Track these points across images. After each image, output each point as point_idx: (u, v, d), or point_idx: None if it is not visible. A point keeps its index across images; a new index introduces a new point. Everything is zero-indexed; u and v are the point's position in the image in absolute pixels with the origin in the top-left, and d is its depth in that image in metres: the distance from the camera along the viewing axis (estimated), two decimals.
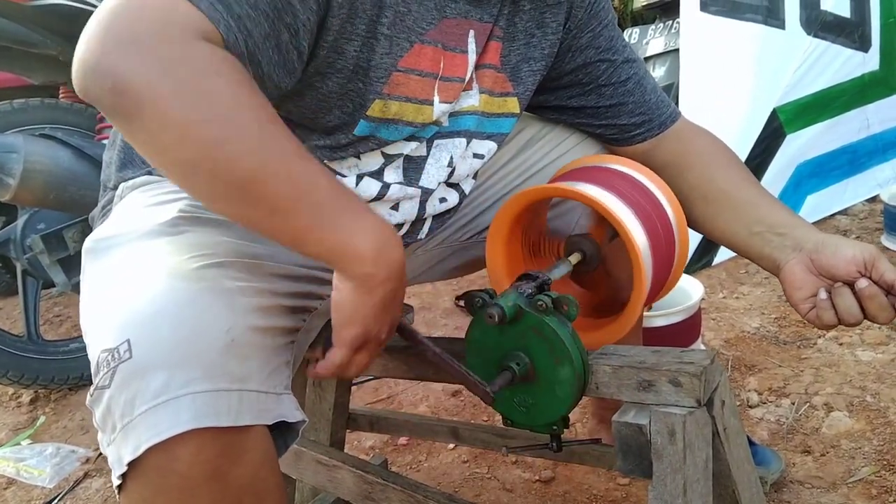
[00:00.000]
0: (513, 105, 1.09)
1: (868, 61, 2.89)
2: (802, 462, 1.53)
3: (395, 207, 1.05)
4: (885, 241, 2.59)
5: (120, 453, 0.70)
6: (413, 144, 1.01)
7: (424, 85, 0.95)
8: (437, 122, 1.01)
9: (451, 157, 1.05)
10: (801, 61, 2.73)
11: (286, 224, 0.74)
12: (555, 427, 0.94)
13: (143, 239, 0.85)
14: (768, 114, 2.68)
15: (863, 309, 0.96)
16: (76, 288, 2.30)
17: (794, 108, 2.72)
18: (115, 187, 1.03)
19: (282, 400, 0.79)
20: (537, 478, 1.62)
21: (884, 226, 2.63)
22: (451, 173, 1.07)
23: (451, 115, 1.03)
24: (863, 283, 0.95)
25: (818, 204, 2.83)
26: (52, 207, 2.16)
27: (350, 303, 0.79)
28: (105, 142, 2.22)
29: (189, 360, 0.70)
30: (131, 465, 0.70)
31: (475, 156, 1.09)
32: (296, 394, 0.84)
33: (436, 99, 0.97)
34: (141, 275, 0.78)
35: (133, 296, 0.75)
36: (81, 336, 0.83)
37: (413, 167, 1.03)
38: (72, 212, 2.18)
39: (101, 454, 1.94)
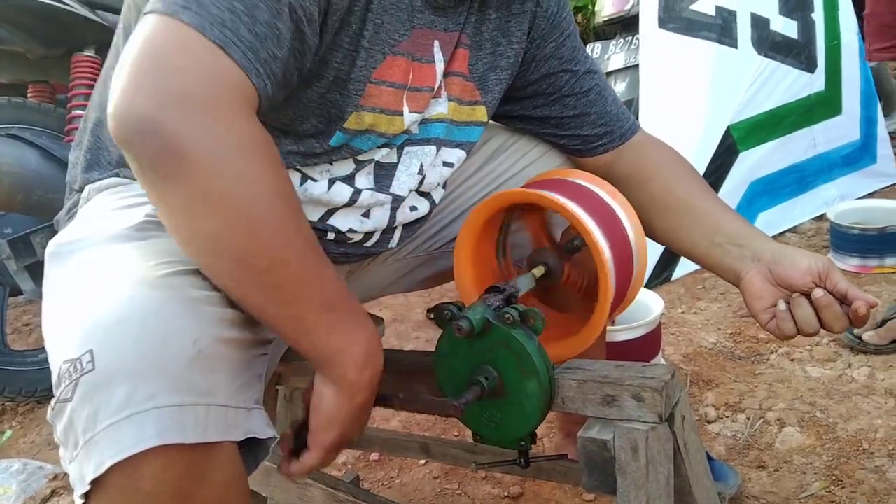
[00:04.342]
0: (481, 113, 1.09)
1: (814, 82, 2.97)
2: (758, 477, 1.55)
3: (367, 215, 1.04)
4: (832, 258, 2.64)
5: (82, 471, 0.68)
6: (384, 151, 1.01)
7: (395, 96, 0.95)
8: (407, 131, 1.00)
9: (422, 165, 1.05)
10: (753, 80, 2.78)
11: (291, 317, 0.76)
12: (523, 443, 0.94)
13: (108, 243, 0.82)
14: (723, 131, 2.72)
15: (819, 318, 0.98)
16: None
17: (747, 126, 2.77)
18: (81, 189, 1.00)
19: (252, 415, 0.77)
20: (506, 494, 1.62)
21: (830, 244, 2.69)
22: (422, 181, 1.07)
23: (421, 122, 1.03)
24: (818, 293, 0.97)
25: (769, 221, 2.88)
26: (19, 211, 2.10)
27: (332, 407, 0.82)
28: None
29: (154, 373, 0.68)
30: (94, 483, 0.67)
31: (444, 164, 1.09)
32: (267, 407, 0.83)
33: (405, 109, 0.97)
34: (105, 282, 0.75)
35: (96, 304, 0.72)
36: None
37: (384, 174, 1.03)
38: (40, 216, 2.11)
39: None
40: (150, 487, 0.67)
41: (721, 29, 2.75)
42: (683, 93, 2.71)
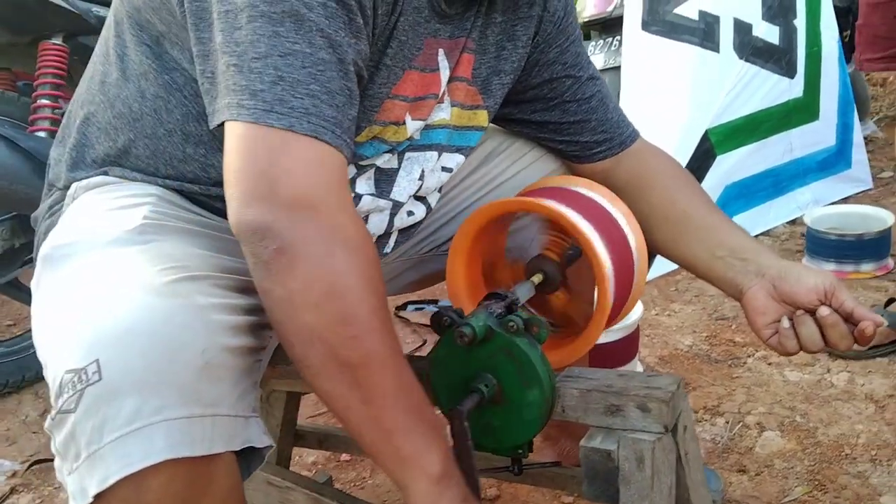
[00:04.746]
0: (482, 118, 1.08)
1: (793, 87, 2.99)
2: (739, 481, 1.56)
3: (365, 220, 1.02)
4: (807, 262, 2.67)
5: (84, 484, 0.66)
6: (385, 157, 0.99)
7: (404, 109, 0.95)
8: (410, 137, 0.99)
9: (423, 171, 1.04)
10: (733, 84, 2.79)
11: (377, 417, 0.77)
12: (520, 451, 0.93)
13: (108, 247, 0.80)
14: (701, 135, 2.73)
15: (824, 337, 0.98)
16: (4, 289, 2.16)
17: (725, 131, 2.79)
18: (67, 187, 0.97)
19: (249, 424, 0.76)
20: (482, 496, 1.60)
21: (805, 249, 2.72)
22: (420, 187, 1.05)
23: (424, 128, 1.01)
24: (824, 312, 0.97)
25: (743, 224, 2.79)
26: None
27: None
28: (40, 134, 2.07)
29: (163, 384, 0.66)
30: (97, 496, 0.65)
31: (444, 169, 1.08)
32: None
33: (408, 118, 0.96)
34: (109, 288, 0.73)
35: (100, 311, 0.70)
36: (6, 340, 0.77)
37: (385, 179, 1.01)
38: (2, 207, 2.03)
39: (29, 467, 1.82)
40: (155, 501, 0.66)
41: (704, 33, 2.76)
42: (664, 95, 2.72)
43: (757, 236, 2.93)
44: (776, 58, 2.91)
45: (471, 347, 0.86)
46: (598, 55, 3.06)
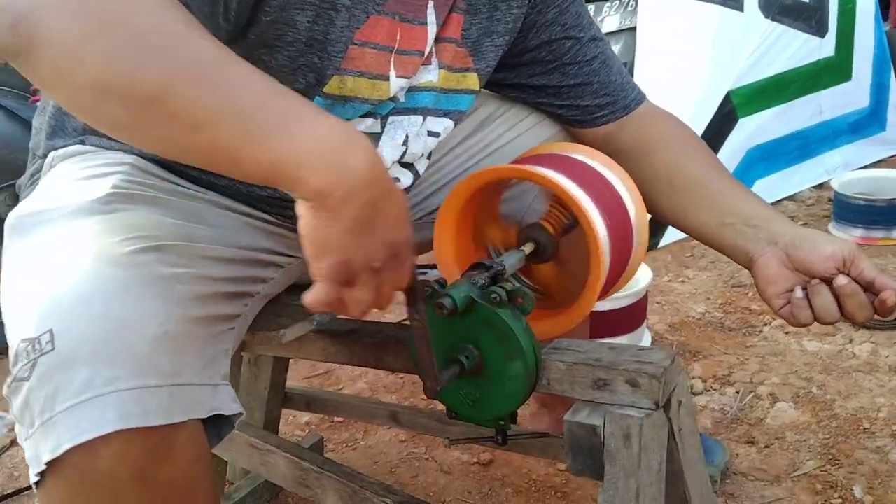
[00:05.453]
0: (472, 81, 1.04)
1: (824, 47, 2.90)
2: (746, 453, 1.52)
3: None
4: (833, 228, 2.61)
5: (38, 451, 0.66)
6: (368, 121, 0.95)
7: (380, 59, 0.89)
8: (393, 98, 0.95)
9: (407, 136, 1.00)
10: (758, 45, 2.71)
11: (212, 141, 0.63)
12: (502, 422, 0.90)
13: (72, 217, 0.78)
14: (722, 97, 2.66)
15: (840, 307, 0.93)
16: None
17: (748, 92, 2.71)
18: (45, 155, 0.96)
19: (218, 391, 0.74)
20: (476, 460, 1.59)
21: (832, 214, 2.65)
22: (405, 152, 1.01)
23: (408, 90, 0.97)
24: (842, 281, 0.92)
25: (766, 188, 2.84)
26: None
27: (314, 229, 0.66)
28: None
29: (116, 355, 0.65)
30: (50, 462, 0.65)
31: (430, 133, 1.03)
32: (232, 373, 0.79)
33: (392, 73, 0.91)
34: (67, 258, 0.71)
35: (57, 282, 0.69)
36: None
37: None
38: (3, 176, 2.07)
39: None
40: (108, 468, 0.65)
41: None
42: (682, 57, 2.64)
43: (781, 200, 2.87)
44: (806, 16, 2.82)
45: (453, 319, 0.84)
46: (612, 16, 2.98)
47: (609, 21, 3.00)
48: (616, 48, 2.95)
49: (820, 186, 2.94)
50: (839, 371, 1.77)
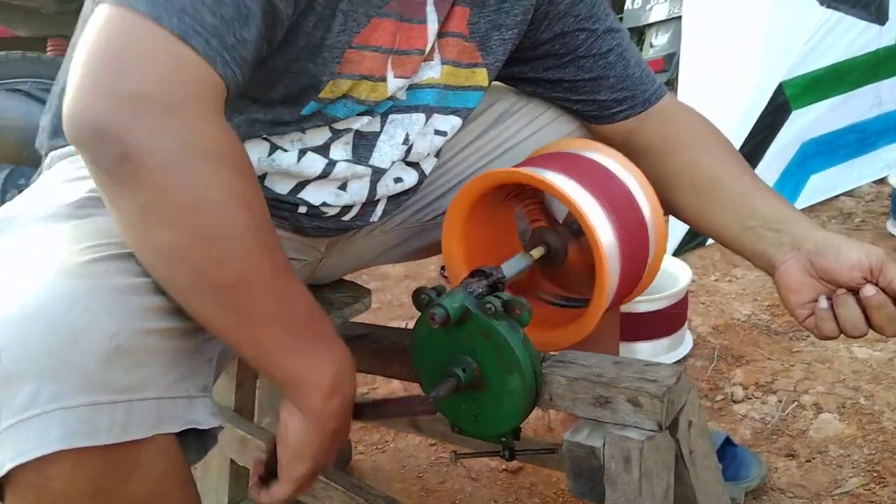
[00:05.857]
0: (481, 77, 0.99)
1: (884, 35, 2.75)
2: (786, 467, 1.44)
3: (343, 188, 0.95)
4: (891, 226, 2.48)
5: None
6: (365, 119, 0.92)
7: (379, 61, 0.86)
8: (392, 97, 0.91)
9: (408, 135, 0.96)
10: (812, 33, 2.58)
11: (257, 338, 0.72)
12: (503, 439, 0.86)
13: (43, 222, 0.76)
14: (774, 88, 2.54)
15: (868, 319, 0.86)
16: None
17: (802, 83, 2.59)
18: (46, 155, 0.96)
19: (195, 404, 0.72)
20: (504, 467, 1.55)
21: (891, 211, 2.52)
22: (408, 151, 0.97)
23: (409, 88, 0.93)
24: (870, 291, 0.85)
25: (822, 184, 2.72)
26: (26, 165, 2.12)
27: (301, 436, 0.77)
28: None
29: (61, 371, 0.62)
30: (4, 479, 0.63)
31: (437, 132, 0.99)
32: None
33: (389, 74, 0.88)
34: (25, 268, 0.69)
35: (9, 293, 0.66)
36: None
37: (363, 144, 0.94)
38: (37, 166, 2.10)
39: None
40: (61, 488, 0.64)
41: None
42: (732, 47, 2.53)
43: (838, 196, 2.75)
44: (864, 3, 2.67)
45: (448, 329, 0.80)
46: (661, 4, 2.88)
47: (657, 10, 2.91)
48: (665, 38, 2.86)
49: (879, 182, 2.80)
50: (889, 380, 1.66)
